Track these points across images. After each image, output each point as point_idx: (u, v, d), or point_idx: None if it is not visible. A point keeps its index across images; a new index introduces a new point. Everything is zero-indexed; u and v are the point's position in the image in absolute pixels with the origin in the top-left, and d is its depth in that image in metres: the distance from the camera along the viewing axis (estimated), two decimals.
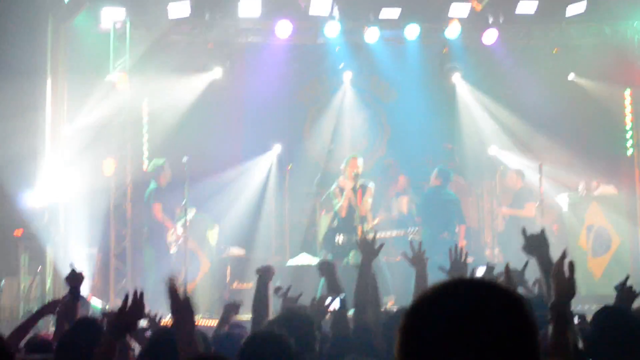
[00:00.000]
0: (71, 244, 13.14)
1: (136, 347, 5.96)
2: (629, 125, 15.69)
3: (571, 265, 4.20)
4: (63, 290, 6.42)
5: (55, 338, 5.99)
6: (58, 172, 13.16)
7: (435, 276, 13.00)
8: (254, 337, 4.44)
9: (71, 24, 14.01)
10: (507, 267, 4.38)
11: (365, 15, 15.06)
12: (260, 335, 4.44)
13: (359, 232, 12.75)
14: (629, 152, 15.69)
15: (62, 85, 13.66)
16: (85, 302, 8.91)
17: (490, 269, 6.27)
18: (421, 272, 6.21)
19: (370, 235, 6.04)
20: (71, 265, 6.53)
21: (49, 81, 13.46)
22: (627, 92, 15.64)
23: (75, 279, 6.34)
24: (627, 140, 15.71)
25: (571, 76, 15.96)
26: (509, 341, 1.74)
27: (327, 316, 6.12)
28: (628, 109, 15.68)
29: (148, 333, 6.36)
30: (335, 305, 5.88)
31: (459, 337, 1.73)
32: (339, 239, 12.95)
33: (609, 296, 12.51)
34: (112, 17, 13.99)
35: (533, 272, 6.03)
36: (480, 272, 6.21)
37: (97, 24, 14.16)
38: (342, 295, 6.13)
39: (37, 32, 13.40)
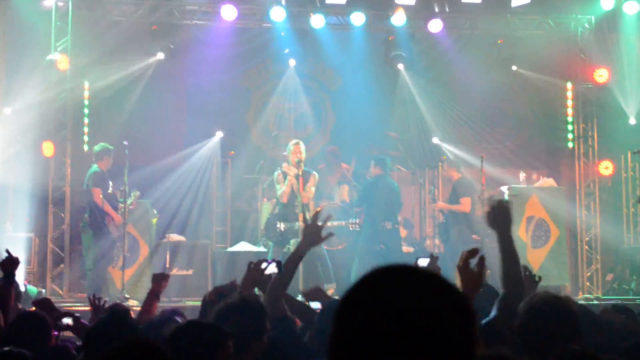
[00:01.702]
0: (6, 228, 12.89)
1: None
2: (570, 118, 15.84)
3: (481, 260, 4.21)
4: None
5: None
6: None
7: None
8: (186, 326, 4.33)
9: (11, 1, 13.71)
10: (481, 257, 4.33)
11: (311, 1, 14.98)
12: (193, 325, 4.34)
13: (300, 220, 12.71)
14: (570, 144, 15.85)
15: (1, 64, 13.37)
16: (18, 287, 8.72)
17: (434, 259, 6.19)
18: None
19: (319, 222, 5.80)
20: (6, 250, 6.37)
21: None
22: (569, 85, 15.78)
23: (10, 263, 6.20)
24: (568, 132, 15.87)
25: (514, 67, 16.05)
26: (444, 334, 1.70)
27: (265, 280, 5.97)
28: (569, 102, 15.83)
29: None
30: (272, 269, 5.74)
31: (394, 327, 1.68)
32: (281, 226, 12.89)
33: (548, 287, 12.67)
34: None
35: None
36: (423, 262, 6.11)
37: (39, 2, 13.88)
38: (279, 258, 5.95)
39: None
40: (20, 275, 10.53)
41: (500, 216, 4.66)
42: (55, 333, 5.55)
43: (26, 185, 13.14)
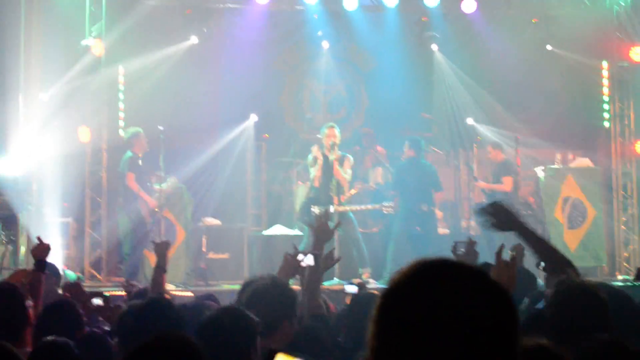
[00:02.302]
0: (45, 213, 13.02)
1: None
2: (606, 98, 15.70)
3: (513, 259, 4.16)
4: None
5: None
6: (32, 138, 13.00)
7: (414, 249, 13.03)
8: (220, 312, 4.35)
9: None
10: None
11: None
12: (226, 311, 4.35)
13: (335, 203, 12.72)
14: (606, 124, 15.72)
15: (36, 50, 13.44)
16: (57, 272, 8.82)
17: (472, 243, 6.13)
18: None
19: (323, 219, 5.78)
20: (38, 237, 6.42)
21: (22, 46, 13.24)
22: (605, 64, 15.63)
23: (41, 250, 6.26)
24: (603, 112, 15.74)
25: (549, 47, 15.91)
26: (487, 335, 1.70)
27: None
28: (605, 81, 15.69)
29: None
30: (309, 261, 5.72)
31: (435, 324, 1.69)
32: (315, 209, 12.90)
33: (585, 268, 12.60)
34: None
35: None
36: (462, 246, 6.08)
37: None
38: (316, 252, 5.90)
39: None
40: (58, 260, 10.66)
41: (503, 216, 4.53)
42: (85, 319, 5.58)
43: (63, 171, 13.25)
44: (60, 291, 7.53)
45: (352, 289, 6.09)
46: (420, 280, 1.76)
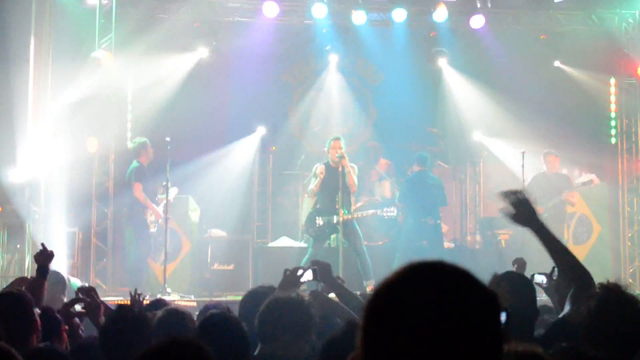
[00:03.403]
0: (51, 222, 13.08)
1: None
2: (613, 114, 15.72)
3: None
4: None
5: None
6: (40, 148, 13.08)
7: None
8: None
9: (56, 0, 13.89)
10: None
11: None
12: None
13: (341, 215, 12.75)
14: (613, 140, 15.73)
15: (46, 61, 13.54)
16: (62, 281, 8.87)
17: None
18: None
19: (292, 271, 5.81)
20: (42, 244, 6.48)
21: (32, 57, 13.33)
22: (612, 81, 15.65)
23: (44, 257, 6.30)
24: (611, 128, 15.75)
25: (557, 63, 15.94)
26: (471, 333, 1.71)
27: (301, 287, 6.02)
28: (613, 98, 15.71)
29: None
30: (308, 276, 5.79)
31: (423, 326, 1.70)
32: (319, 221, 12.93)
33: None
34: None
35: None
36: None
37: (82, 0, 14.05)
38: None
39: (21, 7, 13.26)
40: (63, 269, 10.70)
41: (525, 210, 4.41)
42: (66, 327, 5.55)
43: (70, 181, 13.32)
44: (65, 299, 7.57)
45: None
46: (406, 282, 1.76)
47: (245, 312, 5.65)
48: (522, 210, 4.41)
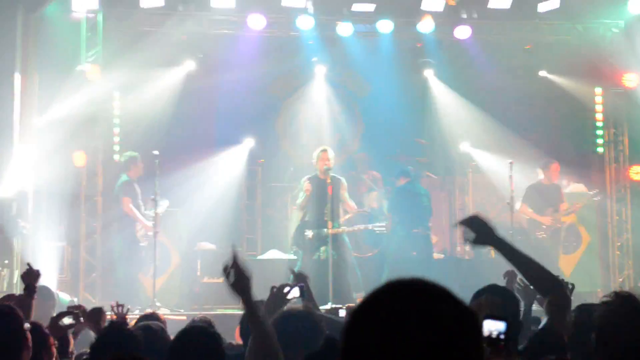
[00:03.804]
0: (39, 237, 13.01)
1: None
2: (600, 123, 15.78)
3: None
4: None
5: None
6: (27, 163, 13.03)
7: (408, 274, 13.10)
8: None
9: (42, 13, 13.84)
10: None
11: (338, 9, 15.01)
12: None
13: (329, 227, 12.74)
14: (600, 150, 15.79)
15: (32, 75, 13.50)
16: (53, 296, 8.83)
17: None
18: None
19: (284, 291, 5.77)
20: (27, 263, 6.44)
21: (18, 71, 13.29)
22: (598, 90, 15.72)
23: (31, 276, 6.27)
24: (597, 138, 15.81)
25: (543, 73, 15.99)
26: (449, 351, 1.72)
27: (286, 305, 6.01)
28: (599, 107, 15.77)
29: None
30: (295, 293, 5.78)
31: (399, 342, 1.71)
32: (309, 234, 12.92)
33: (579, 293, 12.58)
34: (84, 6, 13.83)
35: None
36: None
37: (68, 14, 14.00)
38: (301, 284, 5.95)
39: (6, 21, 13.21)
40: (52, 284, 10.64)
41: (483, 230, 4.37)
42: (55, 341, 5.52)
43: (58, 195, 13.26)
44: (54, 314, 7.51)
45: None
46: (383, 302, 1.78)
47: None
48: (481, 230, 4.36)
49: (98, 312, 6.48)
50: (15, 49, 13.23)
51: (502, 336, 2.98)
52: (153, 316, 6.98)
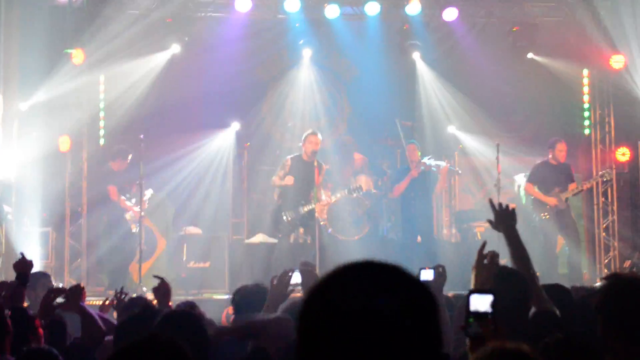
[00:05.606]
0: (24, 222, 12.97)
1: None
2: (586, 105, 15.78)
3: (493, 256, 4.24)
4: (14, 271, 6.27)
5: None
6: (10, 148, 12.96)
7: (390, 256, 13.17)
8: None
9: None
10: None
11: None
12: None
13: (304, 208, 12.86)
14: (587, 131, 15.79)
15: (15, 60, 13.42)
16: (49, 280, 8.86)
17: (440, 273, 5.88)
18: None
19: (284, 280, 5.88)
20: (21, 253, 6.41)
21: (1, 55, 13.20)
22: (585, 72, 15.71)
23: (23, 265, 6.24)
24: (584, 119, 15.81)
25: (530, 54, 15.96)
26: (406, 329, 1.72)
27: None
28: (586, 89, 15.77)
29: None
30: (297, 279, 5.82)
31: (354, 325, 1.70)
32: (287, 216, 12.96)
33: (567, 275, 12.59)
34: None
35: None
36: (426, 275, 5.75)
37: None
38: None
39: None
40: (36, 270, 10.59)
41: (507, 220, 4.78)
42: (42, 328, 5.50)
43: (43, 180, 13.21)
44: None
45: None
46: (334, 284, 1.78)
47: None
48: (502, 218, 4.80)
49: (77, 289, 6.46)
50: None
51: (489, 310, 2.98)
52: (140, 300, 7.01)
